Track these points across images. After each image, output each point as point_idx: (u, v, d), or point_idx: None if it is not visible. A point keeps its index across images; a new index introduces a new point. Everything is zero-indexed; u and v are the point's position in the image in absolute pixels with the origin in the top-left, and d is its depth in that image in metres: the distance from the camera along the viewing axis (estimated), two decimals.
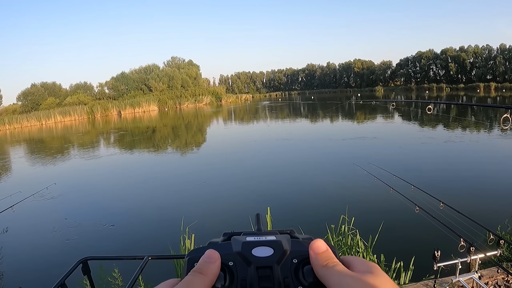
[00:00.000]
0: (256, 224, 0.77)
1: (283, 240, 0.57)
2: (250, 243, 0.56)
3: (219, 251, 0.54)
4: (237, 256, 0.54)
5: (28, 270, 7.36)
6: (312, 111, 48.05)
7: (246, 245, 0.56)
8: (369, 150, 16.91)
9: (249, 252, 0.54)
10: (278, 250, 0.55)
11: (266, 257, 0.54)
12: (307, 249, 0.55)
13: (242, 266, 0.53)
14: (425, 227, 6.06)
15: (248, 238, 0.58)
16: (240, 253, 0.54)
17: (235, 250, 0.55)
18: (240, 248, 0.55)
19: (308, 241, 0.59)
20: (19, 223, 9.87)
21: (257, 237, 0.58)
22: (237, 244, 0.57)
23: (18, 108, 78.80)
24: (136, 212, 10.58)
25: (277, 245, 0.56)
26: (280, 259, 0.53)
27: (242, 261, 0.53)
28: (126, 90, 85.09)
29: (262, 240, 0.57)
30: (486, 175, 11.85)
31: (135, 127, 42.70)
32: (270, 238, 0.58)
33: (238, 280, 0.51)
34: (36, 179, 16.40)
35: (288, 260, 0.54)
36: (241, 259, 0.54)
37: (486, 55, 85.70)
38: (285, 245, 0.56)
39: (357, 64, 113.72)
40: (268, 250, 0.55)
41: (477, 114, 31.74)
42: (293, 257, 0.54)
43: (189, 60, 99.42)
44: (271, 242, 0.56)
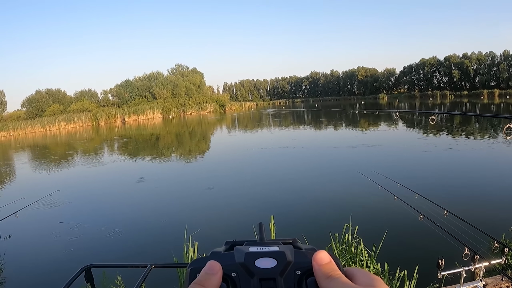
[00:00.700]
0: (258, 233, 0.76)
1: (286, 251, 0.56)
2: (253, 254, 0.55)
3: (222, 262, 0.54)
4: (240, 267, 0.53)
5: (31, 277, 7.36)
6: (316, 119, 48.03)
7: (249, 256, 0.55)
8: (372, 158, 16.89)
9: (252, 263, 0.53)
10: (282, 262, 0.54)
11: (269, 268, 0.53)
12: (310, 260, 0.55)
13: (245, 277, 0.52)
14: (429, 235, 6.03)
15: (251, 249, 0.57)
16: (243, 264, 0.54)
17: (238, 261, 0.54)
18: (243, 259, 0.54)
19: (312, 251, 0.59)
20: (23, 229, 9.89)
21: (260, 248, 0.57)
22: (240, 254, 0.56)
23: (23, 114, 79.24)
24: (139, 219, 10.58)
25: (280, 256, 0.55)
26: (283, 271, 0.53)
27: (245, 273, 0.53)
28: (130, 97, 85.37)
29: (266, 251, 0.56)
30: (490, 183, 11.80)
31: (139, 134, 42.80)
32: (274, 248, 0.57)
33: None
34: (39, 185, 16.44)
35: (291, 272, 0.53)
36: (244, 270, 0.53)
37: (489, 61, 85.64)
38: (289, 256, 0.55)
39: (360, 71, 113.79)
40: (271, 262, 0.54)
41: (481, 122, 31.65)
42: (297, 269, 0.54)
43: (193, 67, 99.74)
44: (275, 253, 0.55)
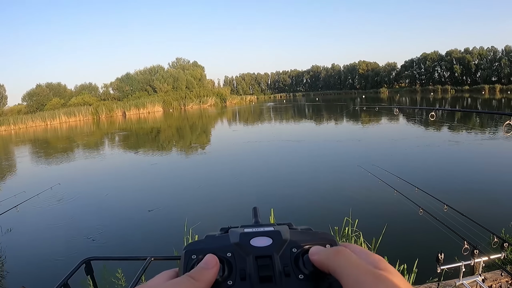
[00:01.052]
0: (253, 217, 0.76)
1: (282, 230, 0.56)
2: (248, 233, 0.55)
3: (216, 244, 0.54)
4: (235, 246, 0.53)
5: (31, 269, 7.39)
6: (317, 113, 48.00)
7: (244, 235, 0.55)
8: (373, 152, 16.88)
9: (248, 242, 0.53)
10: (277, 240, 0.54)
11: (265, 246, 0.53)
12: (306, 239, 0.55)
13: (240, 256, 0.52)
14: (429, 230, 6.05)
15: (246, 230, 0.57)
16: (238, 244, 0.53)
17: (233, 241, 0.54)
18: (238, 239, 0.54)
19: (307, 231, 0.60)
20: (23, 223, 9.92)
21: (255, 229, 0.57)
22: (234, 235, 0.56)
23: (23, 109, 79.18)
24: (139, 212, 10.60)
25: (276, 235, 0.55)
26: (279, 248, 0.53)
27: (241, 251, 0.52)
28: (131, 91, 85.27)
29: (261, 231, 0.56)
30: (490, 178, 11.80)
31: (140, 128, 42.82)
32: (269, 229, 0.57)
33: (237, 271, 0.50)
34: (40, 179, 16.46)
35: (287, 250, 0.53)
36: (239, 249, 0.53)
37: (491, 56, 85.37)
38: (284, 235, 0.55)
39: (361, 65, 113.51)
40: (267, 240, 0.54)
41: (482, 118, 31.61)
42: (293, 247, 0.53)
43: (194, 61, 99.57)
44: (270, 232, 0.55)
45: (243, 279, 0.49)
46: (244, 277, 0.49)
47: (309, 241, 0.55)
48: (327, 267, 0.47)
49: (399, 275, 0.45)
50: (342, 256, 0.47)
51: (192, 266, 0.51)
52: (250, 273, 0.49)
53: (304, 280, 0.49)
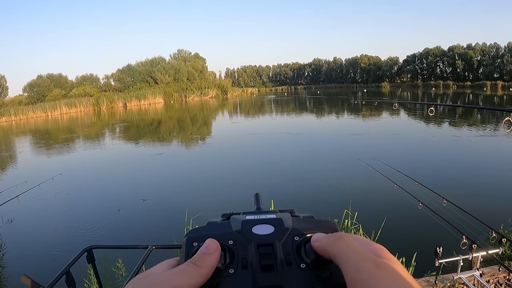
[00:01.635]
0: (255, 204, 0.76)
1: (284, 218, 0.56)
2: (250, 221, 0.55)
3: (218, 231, 0.54)
4: (237, 234, 0.53)
5: (33, 258, 7.44)
6: (318, 106, 47.97)
7: (246, 223, 0.54)
8: (373, 146, 16.90)
9: (249, 230, 0.53)
10: (279, 228, 0.53)
11: (267, 234, 0.52)
12: (308, 227, 0.55)
13: (242, 244, 0.52)
14: (428, 224, 6.08)
15: (248, 217, 0.57)
16: (240, 232, 0.53)
17: (234, 229, 0.54)
18: (240, 226, 0.54)
19: (310, 219, 0.60)
20: (25, 212, 9.96)
21: (257, 216, 0.57)
22: (236, 223, 0.56)
23: (24, 99, 79.08)
24: (140, 202, 10.65)
25: (278, 222, 0.54)
26: (281, 237, 0.52)
27: (242, 239, 0.52)
28: (132, 82, 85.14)
29: (263, 218, 0.56)
30: (490, 173, 11.83)
31: (141, 119, 42.82)
32: (271, 216, 0.57)
33: (239, 259, 0.50)
34: (41, 169, 16.50)
35: (289, 238, 0.53)
36: (241, 237, 0.52)
37: (493, 53, 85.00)
38: (286, 223, 0.55)
39: (363, 59, 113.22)
40: (269, 228, 0.53)
41: (482, 114, 31.59)
42: (295, 235, 0.53)
43: (196, 53, 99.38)
44: (272, 220, 0.55)
45: (245, 268, 0.49)
46: (245, 266, 0.49)
47: (311, 229, 0.54)
48: (328, 253, 0.47)
49: (399, 264, 0.44)
50: (343, 242, 0.46)
51: (194, 253, 0.50)
52: (252, 262, 0.49)
53: (305, 269, 0.49)
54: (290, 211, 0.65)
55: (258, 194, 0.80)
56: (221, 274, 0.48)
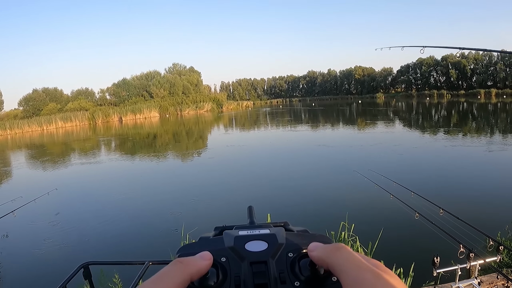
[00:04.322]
0: (249, 217, 0.75)
1: (277, 233, 0.55)
2: (243, 237, 0.54)
3: (211, 247, 0.53)
4: (230, 251, 0.52)
5: (29, 274, 7.38)
6: (313, 118, 48.10)
7: (239, 239, 0.53)
8: (369, 157, 16.93)
9: (242, 247, 0.52)
10: (273, 244, 0.52)
11: (260, 251, 0.51)
12: (303, 242, 0.53)
13: (235, 262, 0.50)
14: (425, 234, 6.07)
15: (240, 232, 0.56)
16: (232, 248, 0.52)
17: (227, 245, 0.53)
18: (233, 243, 0.53)
19: (304, 233, 0.59)
20: (20, 228, 9.91)
21: (250, 231, 0.56)
22: (229, 238, 0.54)
23: (19, 113, 78.98)
24: (137, 217, 10.61)
25: (271, 238, 0.53)
26: (275, 253, 0.51)
27: (235, 257, 0.51)
28: (128, 96, 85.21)
29: (256, 234, 0.55)
30: (486, 182, 11.86)
31: (136, 133, 42.77)
32: (264, 231, 0.56)
33: (232, 277, 0.49)
34: (37, 184, 16.43)
35: (283, 254, 0.51)
36: (234, 254, 0.51)
37: (486, 61, 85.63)
38: (280, 238, 0.54)
39: (358, 71, 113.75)
40: (262, 244, 0.52)
41: (478, 122, 31.78)
42: (289, 251, 0.52)
43: (191, 66, 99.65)
44: (265, 236, 0.54)
45: (238, 286, 0.48)
46: (238, 284, 0.48)
47: (305, 244, 0.53)
48: (326, 264, 0.46)
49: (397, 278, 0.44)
50: (342, 253, 0.46)
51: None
52: (245, 280, 0.48)
53: (300, 287, 0.48)
54: (284, 224, 0.64)
55: (252, 207, 0.79)
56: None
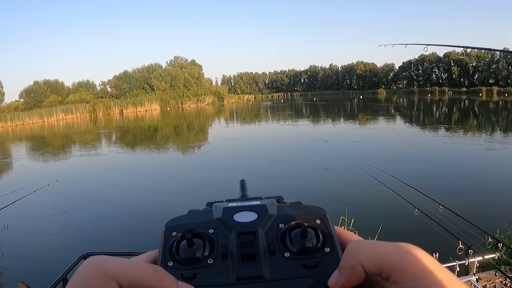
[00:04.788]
0: (240, 191, 0.75)
1: (268, 204, 0.54)
2: (232, 208, 0.53)
3: (199, 219, 0.53)
4: (218, 222, 0.51)
5: (30, 265, 7.41)
6: (314, 113, 48.07)
7: (228, 210, 0.53)
8: (370, 152, 16.92)
9: (231, 218, 0.51)
10: (262, 215, 0.51)
11: (249, 222, 0.51)
12: (295, 213, 0.52)
13: (222, 232, 0.50)
14: (424, 230, 6.09)
15: (230, 204, 0.55)
16: (220, 219, 0.51)
17: (215, 216, 0.52)
18: (221, 214, 0.52)
19: (297, 205, 0.57)
20: (21, 219, 9.93)
21: (240, 203, 0.55)
22: (218, 210, 0.54)
23: (20, 105, 79.04)
24: (137, 209, 10.62)
25: (261, 209, 0.52)
26: (264, 224, 0.50)
27: (223, 228, 0.50)
28: (129, 89, 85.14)
29: (245, 205, 0.54)
30: (486, 179, 11.86)
31: (137, 126, 42.79)
32: (254, 203, 0.55)
33: (219, 248, 0.48)
34: (37, 176, 16.44)
35: (273, 225, 0.50)
36: (222, 225, 0.51)
37: (489, 59, 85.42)
38: (271, 209, 0.53)
39: (359, 66, 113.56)
40: (251, 215, 0.52)
41: (479, 119, 31.76)
42: (280, 222, 0.51)
43: (192, 59, 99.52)
44: (255, 207, 0.53)
45: (225, 257, 0.47)
46: (225, 255, 0.47)
47: (298, 215, 0.52)
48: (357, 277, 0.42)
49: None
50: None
51: (172, 243, 0.49)
52: (232, 251, 0.47)
53: (290, 258, 0.47)
54: (278, 197, 0.63)
55: (244, 180, 0.79)
56: (199, 264, 0.47)
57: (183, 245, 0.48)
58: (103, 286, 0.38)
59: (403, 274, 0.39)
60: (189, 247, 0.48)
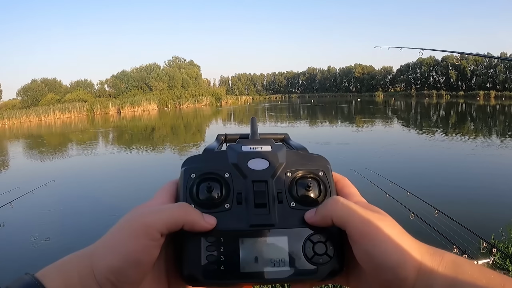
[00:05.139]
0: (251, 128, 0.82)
1: (278, 152, 0.58)
2: (246, 154, 0.56)
3: (215, 162, 0.56)
4: (233, 168, 0.54)
5: (26, 266, 7.36)
6: (311, 115, 48.09)
7: (242, 156, 0.56)
8: (366, 155, 16.94)
9: (245, 165, 0.55)
10: (274, 163, 0.55)
11: (262, 170, 0.54)
12: (302, 162, 0.57)
13: (238, 178, 0.53)
14: (419, 234, 5.99)
15: (244, 148, 0.58)
16: (236, 165, 0.55)
17: (231, 161, 0.55)
18: (236, 159, 0.55)
19: (303, 151, 0.64)
20: (18, 219, 9.90)
21: (253, 148, 0.58)
22: (233, 154, 0.57)
23: (18, 103, 78.89)
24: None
25: (272, 158, 0.56)
26: (275, 173, 0.54)
27: (238, 174, 0.54)
28: (126, 88, 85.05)
29: (258, 151, 0.57)
30: (482, 184, 11.88)
31: (134, 126, 42.72)
32: (266, 148, 0.59)
33: (234, 193, 0.52)
34: (34, 175, 16.39)
35: (282, 174, 0.55)
36: (237, 171, 0.54)
37: (486, 63, 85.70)
38: (281, 157, 0.56)
39: (357, 68, 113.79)
40: (263, 163, 0.55)
41: (476, 124, 31.84)
42: (287, 170, 0.55)
43: (190, 60, 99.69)
44: (267, 154, 0.57)
45: (239, 203, 0.52)
46: (240, 201, 0.52)
47: (304, 165, 0.57)
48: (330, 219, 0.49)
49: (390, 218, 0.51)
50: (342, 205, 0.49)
51: (192, 185, 0.53)
52: (247, 197, 0.52)
53: (295, 208, 0.52)
54: (284, 136, 0.75)
55: (254, 118, 0.84)
56: (217, 207, 0.51)
57: (202, 189, 0.52)
58: (148, 237, 0.45)
59: (362, 237, 0.46)
60: (208, 192, 0.52)
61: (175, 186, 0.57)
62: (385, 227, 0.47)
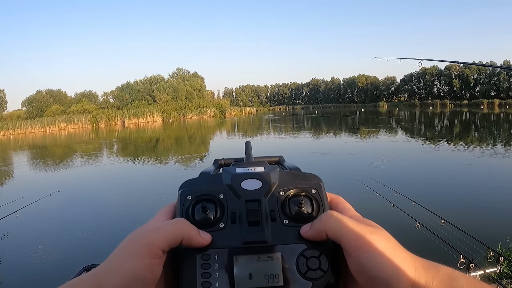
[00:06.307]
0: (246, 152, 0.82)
1: (271, 172, 0.59)
2: (240, 175, 0.58)
3: (210, 184, 0.58)
4: (227, 188, 0.56)
5: (29, 276, 7.36)
6: (316, 125, 48.10)
7: (236, 177, 0.57)
8: (371, 165, 16.87)
9: (239, 185, 0.56)
10: (266, 183, 0.57)
11: (255, 190, 0.56)
12: (294, 181, 0.59)
13: (232, 199, 0.55)
14: (426, 244, 6.07)
15: (238, 170, 0.60)
16: (230, 186, 0.56)
17: (225, 182, 0.57)
18: (230, 181, 0.57)
19: (296, 171, 0.66)
20: (22, 229, 9.89)
21: (246, 169, 0.60)
22: (227, 176, 0.58)
23: (23, 114, 79.47)
24: (139, 221, 10.53)
25: (265, 178, 0.57)
26: (268, 192, 0.56)
27: (232, 194, 0.55)
28: (131, 100, 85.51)
29: (252, 173, 0.59)
30: (487, 192, 11.81)
31: (139, 137, 42.81)
32: (259, 169, 0.60)
33: (228, 213, 0.54)
34: (39, 186, 16.42)
35: (275, 193, 0.56)
36: (231, 192, 0.56)
37: (489, 71, 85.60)
38: (274, 177, 0.58)
39: (361, 79, 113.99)
40: (256, 183, 0.57)
41: (480, 132, 31.75)
42: (280, 190, 0.57)
43: (194, 72, 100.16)
44: (260, 175, 0.58)
45: (234, 222, 0.53)
46: (234, 220, 0.53)
47: (296, 184, 0.59)
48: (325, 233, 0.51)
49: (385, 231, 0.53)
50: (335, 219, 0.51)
51: (188, 206, 0.55)
52: (240, 216, 0.54)
53: (288, 225, 0.54)
54: (279, 159, 0.76)
55: (249, 142, 0.85)
56: (212, 227, 0.53)
57: (198, 210, 0.55)
58: (151, 255, 0.48)
59: (356, 250, 0.48)
60: (203, 212, 0.54)
61: (173, 209, 0.59)
62: (379, 240, 0.49)
